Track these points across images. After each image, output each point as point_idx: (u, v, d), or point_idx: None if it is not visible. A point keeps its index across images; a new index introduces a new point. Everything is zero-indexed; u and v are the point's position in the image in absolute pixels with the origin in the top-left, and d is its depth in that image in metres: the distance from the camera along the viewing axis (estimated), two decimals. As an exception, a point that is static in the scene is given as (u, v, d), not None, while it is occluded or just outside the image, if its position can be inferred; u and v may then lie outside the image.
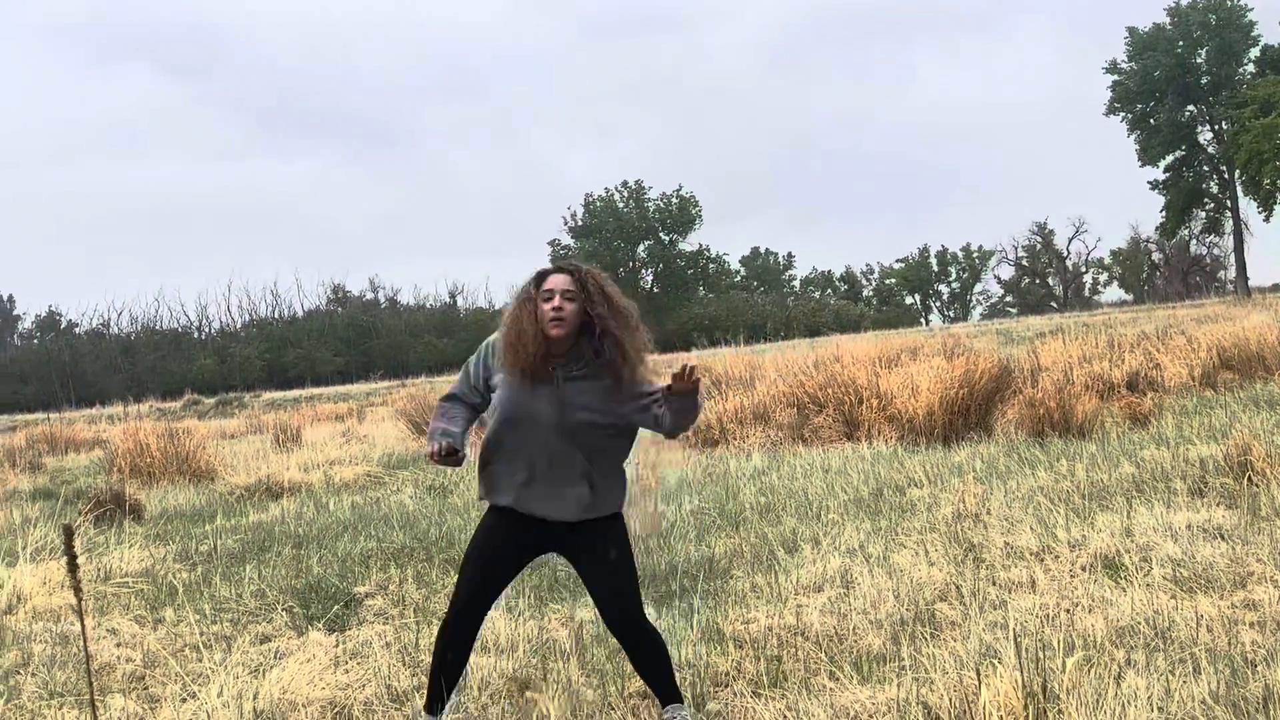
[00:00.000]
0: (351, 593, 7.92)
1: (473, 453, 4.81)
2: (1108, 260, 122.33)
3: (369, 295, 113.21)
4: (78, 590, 3.55)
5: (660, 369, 5.11)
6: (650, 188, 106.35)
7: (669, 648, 5.95)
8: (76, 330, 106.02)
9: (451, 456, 4.68)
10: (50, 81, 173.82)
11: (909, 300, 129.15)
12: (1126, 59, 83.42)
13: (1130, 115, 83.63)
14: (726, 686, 5.40)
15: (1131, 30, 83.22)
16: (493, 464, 4.73)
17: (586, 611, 6.89)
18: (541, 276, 4.64)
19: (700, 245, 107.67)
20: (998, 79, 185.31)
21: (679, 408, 4.61)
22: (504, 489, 4.71)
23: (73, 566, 3.56)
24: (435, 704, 4.81)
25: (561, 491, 4.64)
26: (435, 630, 6.73)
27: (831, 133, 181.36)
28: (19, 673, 6.68)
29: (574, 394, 4.59)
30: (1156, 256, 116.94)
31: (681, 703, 4.89)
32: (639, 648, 4.83)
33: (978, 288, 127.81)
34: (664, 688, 4.87)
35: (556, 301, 4.55)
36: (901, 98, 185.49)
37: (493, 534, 4.76)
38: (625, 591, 4.76)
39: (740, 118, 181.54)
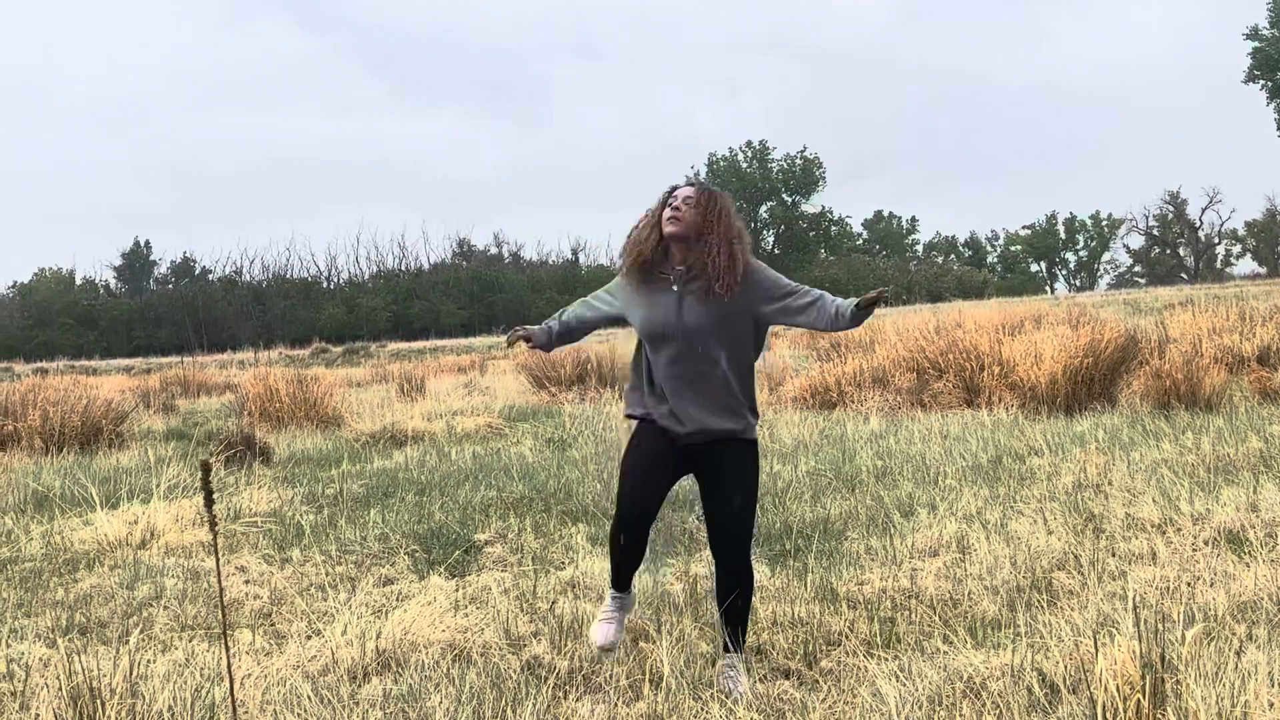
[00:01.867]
0: (472, 540, 8.08)
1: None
2: (1241, 232, 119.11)
3: (493, 250, 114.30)
4: (213, 524, 3.68)
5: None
6: (774, 148, 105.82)
7: (785, 605, 6.01)
8: (210, 277, 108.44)
9: (524, 340, 5.27)
10: (192, 32, 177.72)
11: (1034, 268, 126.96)
12: (1268, 25, 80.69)
13: (1270, 83, 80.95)
14: (839, 645, 5.42)
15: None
16: (636, 381, 5.14)
17: (700, 566, 6.96)
18: (674, 190, 5.02)
19: (823, 207, 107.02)
20: (1135, 42, 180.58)
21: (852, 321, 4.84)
22: (647, 403, 5.06)
23: (208, 501, 3.69)
24: (621, 581, 5.24)
25: (695, 400, 4.94)
26: (552, 580, 6.87)
27: (961, 94, 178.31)
28: (152, 605, 6.93)
29: (690, 299, 4.91)
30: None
31: (740, 653, 5.10)
32: (734, 579, 5.06)
33: (1106, 256, 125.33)
34: (736, 632, 5.09)
35: (678, 203, 4.94)
36: (1037, 59, 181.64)
37: (643, 446, 5.07)
38: (741, 518, 5.04)
39: (869, 76, 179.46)
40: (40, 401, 16.50)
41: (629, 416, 5.19)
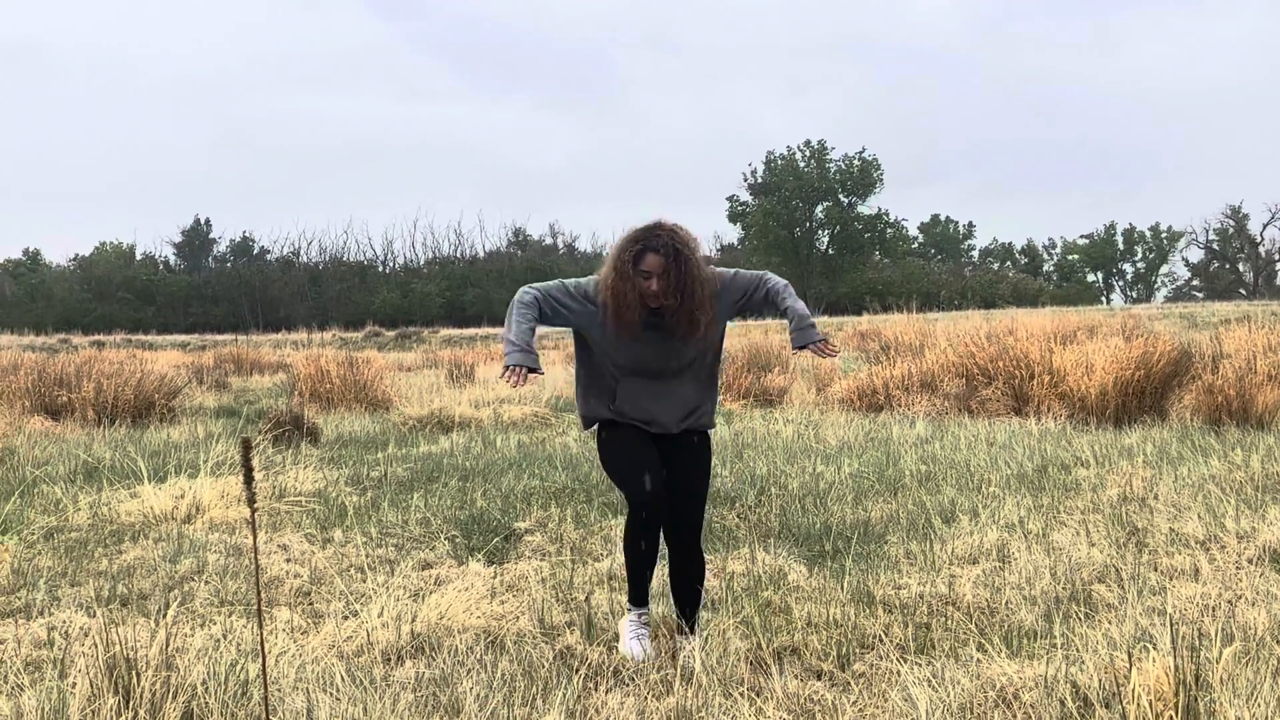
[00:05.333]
0: (512, 527, 8.12)
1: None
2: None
3: (548, 240, 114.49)
4: (251, 502, 3.71)
5: (828, 331, 5.26)
6: (833, 148, 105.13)
7: (821, 606, 6.00)
8: (268, 257, 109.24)
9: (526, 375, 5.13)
10: (266, 13, 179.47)
11: (1090, 278, 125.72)
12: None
13: (1342, 98, 79.77)
14: (872, 649, 5.41)
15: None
16: (594, 387, 5.39)
17: (738, 564, 6.95)
18: (639, 255, 5.11)
19: (879, 209, 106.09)
20: (1203, 55, 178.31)
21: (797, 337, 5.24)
22: (615, 407, 5.32)
23: (248, 479, 3.72)
24: (640, 595, 5.43)
25: (666, 405, 5.30)
26: (589, 571, 6.88)
27: (1025, 102, 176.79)
28: (193, 579, 7.02)
29: (671, 334, 5.20)
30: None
31: (697, 635, 5.36)
32: (691, 566, 5.46)
33: (1164, 269, 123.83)
34: (694, 616, 5.47)
35: (655, 285, 5.08)
36: (1102, 69, 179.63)
37: (629, 440, 5.33)
38: (695, 502, 5.42)
39: (933, 81, 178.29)
40: (95, 374, 16.73)
41: (596, 420, 5.40)
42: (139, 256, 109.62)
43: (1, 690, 4.76)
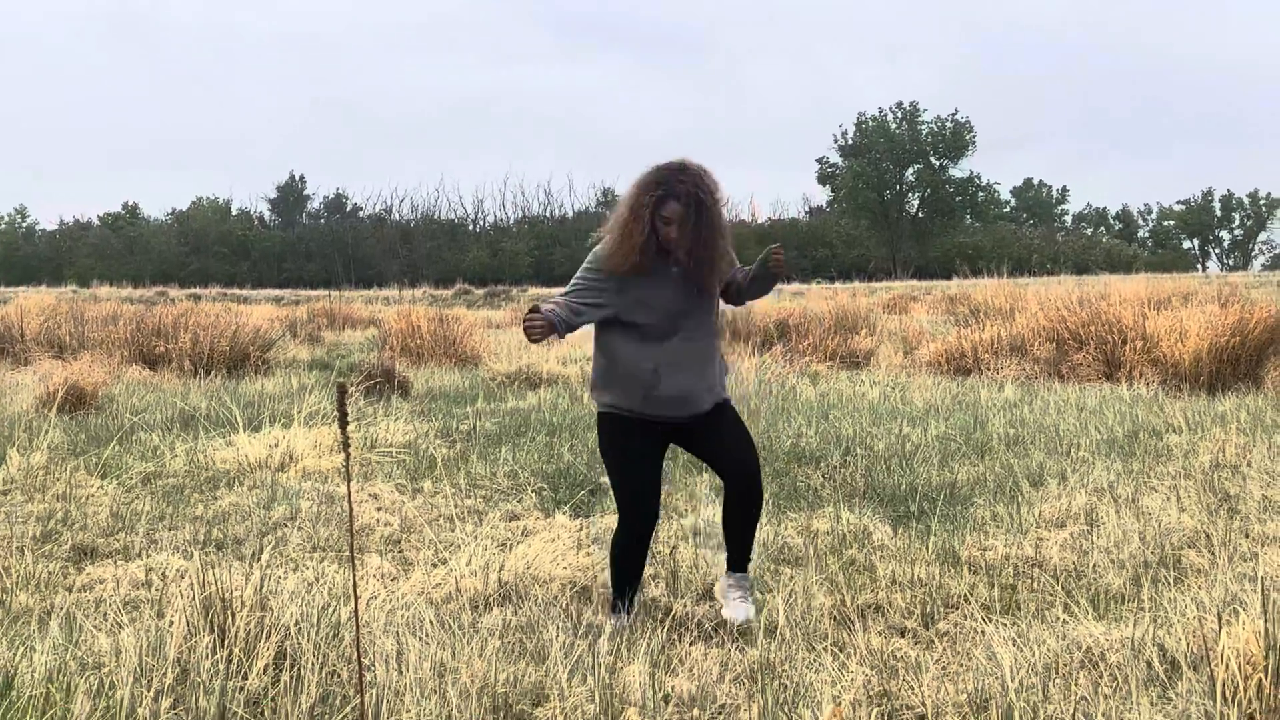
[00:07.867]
0: (598, 481, 8.18)
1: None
2: None
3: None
4: (346, 445, 3.78)
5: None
6: (925, 110, 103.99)
7: (906, 565, 6.00)
8: (361, 214, 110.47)
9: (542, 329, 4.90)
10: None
11: (1186, 245, 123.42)
12: None
13: None
14: (957, 609, 5.40)
15: None
16: (616, 366, 5.14)
17: (823, 522, 6.97)
18: (661, 200, 4.96)
19: (971, 172, 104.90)
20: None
21: (760, 286, 5.20)
22: (630, 390, 5.10)
23: (343, 422, 3.78)
24: (629, 599, 5.26)
25: (691, 374, 5.09)
26: (674, 526, 6.92)
27: (1124, 68, 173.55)
28: (286, 525, 7.17)
29: (677, 277, 5.05)
30: None
31: (747, 573, 5.29)
32: (747, 499, 5.19)
33: (1262, 237, 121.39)
34: (740, 551, 5.26)
35: (674, 233, 4.95)
36: (1202, 35, 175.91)
37: (634, 446, 5.18)
38: (746, 448, 5.19)
39: (1029, 44, 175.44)
40: (192, 325, 17.04)
41: (610, 409, 5.19)
42: (235, 212, 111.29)
43: (102, 628, 4.90)
